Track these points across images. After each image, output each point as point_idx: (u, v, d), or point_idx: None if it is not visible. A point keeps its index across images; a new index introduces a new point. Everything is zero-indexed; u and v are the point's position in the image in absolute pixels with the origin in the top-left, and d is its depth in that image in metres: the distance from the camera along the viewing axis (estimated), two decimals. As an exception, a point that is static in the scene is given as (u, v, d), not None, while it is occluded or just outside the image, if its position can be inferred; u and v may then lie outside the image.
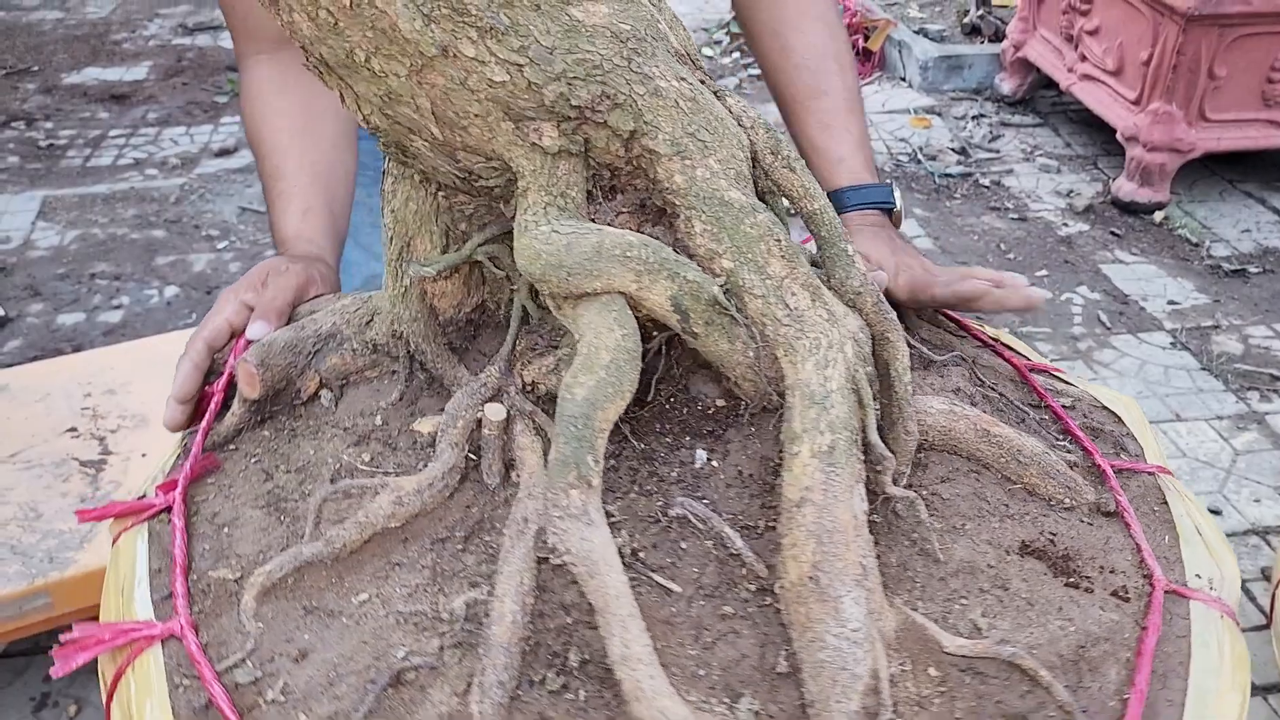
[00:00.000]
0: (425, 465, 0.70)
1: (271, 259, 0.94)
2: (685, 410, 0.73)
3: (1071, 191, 3.18)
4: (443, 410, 0.73)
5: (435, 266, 0.74)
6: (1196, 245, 2.88)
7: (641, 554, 0.63)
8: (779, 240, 0.64)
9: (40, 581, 1.36)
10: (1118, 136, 3.08)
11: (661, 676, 0.53)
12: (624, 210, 0.68)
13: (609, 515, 0.63)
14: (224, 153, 3.40)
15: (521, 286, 0.74)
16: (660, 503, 0.66)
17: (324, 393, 0.79)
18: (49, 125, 3.62)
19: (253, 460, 0.75)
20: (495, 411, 0.69)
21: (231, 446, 0.77)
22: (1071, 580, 0.64)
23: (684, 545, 0.64)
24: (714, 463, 0.69)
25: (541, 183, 0.63)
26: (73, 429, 1.62)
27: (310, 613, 0.62)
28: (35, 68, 4.13)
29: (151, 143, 3.49)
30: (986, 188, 3.22)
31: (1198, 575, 0.67)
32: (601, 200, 0.67)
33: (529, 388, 0.74)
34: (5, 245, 2.84)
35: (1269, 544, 1.87)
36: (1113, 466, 0.74)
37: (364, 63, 0.60)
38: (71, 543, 1.41)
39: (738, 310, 0.64)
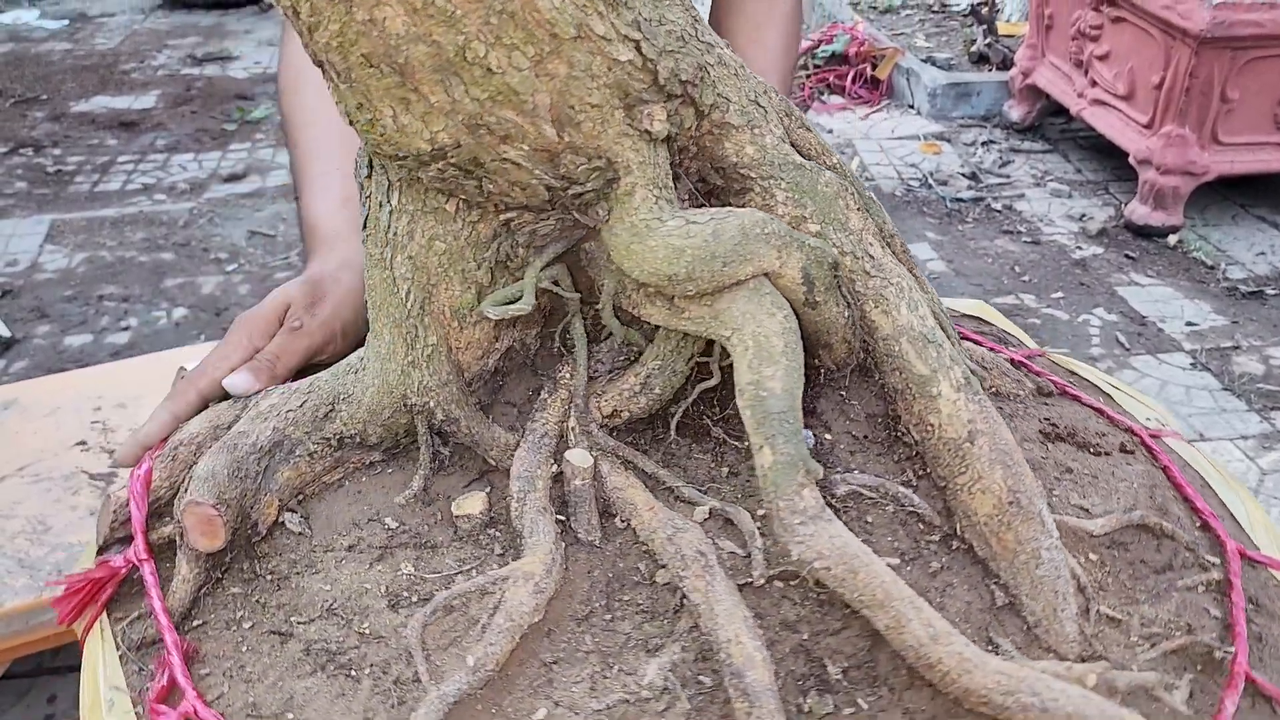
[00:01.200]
0: (496, 552, 0.62)
1: (297, 287, 0.81)
2: None
3: (1084, 215, 3.17)
4: (479, 483, 0.65)
5: (503, 303, 0.63)
6: (1212, 268, 2.86)
7: None
8: (851, 194, 0.62)
9: (48, 595, 1.33)
10: (1130, 160, 3.07)
11: (972, 644, 0.52)
12: (683, 197, 0.65)
13: None
14: (233, 178, 3.39)
15: (606, 303, 0.65)
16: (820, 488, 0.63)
17: (287, 516, 0.66)
18: (57, 152, 3.61)
19: (245, 627, 0.61)
20: (581, 458, 0.63)
21: (196, 621, 0.62)
22: (1091, 449, 0.71)
23: (869, 519, 0.62)
24: (827, 437, 0.67)
25: (649, 176, 0.58)
26: (82, 442, 1.59)
27: None
28: (44, 96, 4.13)
29: (160, 168, 3.49)
30: (998, 212, 3.21)
31: (1147, 419, 0.80)
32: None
33: (608, 419, 0.67)
34: (13, 268, 2.82)
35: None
36: (1018, 357, 0.83)
37: (481, 58, 0.52)
38: (80, 556, 1.37)
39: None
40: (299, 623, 0.60)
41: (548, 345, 0.70)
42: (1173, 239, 3.00)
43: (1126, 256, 2.94)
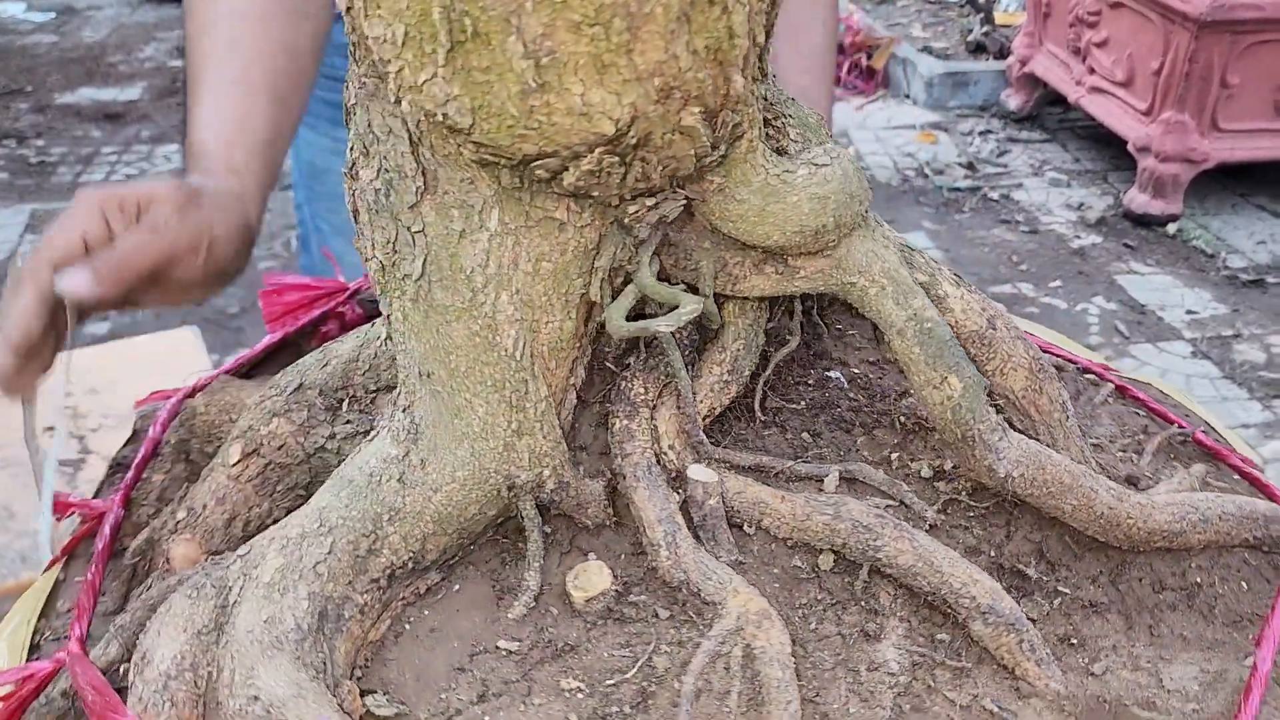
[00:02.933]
0: (664, 618, 0.55)
1: (167, 184, 0.67)
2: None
3: (1082, 205, 3.13)
4: (568, 557, 0.57)
5: (624, 315, 0.55)
6: (1212, 256, 2.82)
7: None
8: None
9: (12, 582, 1.28)
10: (1129, 148, 3.03)
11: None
12: None
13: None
14: (218, 168, 3.35)
15: (709, 288, 0.58)
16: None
17: (370, 700, 0.52)
18: (40, 143, 3.56)
19: None
20: (707, 475, 0.57)
21: None
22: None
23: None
24: (854, 372, 0.70)
25: (759, 129, 0.53)
26: (51, 428, 1.54)
27: None
28: (28, 88, 4.08)
29: (144, 160, 3.43)
30: (995, 201, 3.17)
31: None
32: None
33: (707, 417, 0.61)
34: (-8, 258, 2.78)
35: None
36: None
37: None
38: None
39: None
40: None
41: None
42: (1172, 227, 2.95)
43: (1125, 245, 2.90)
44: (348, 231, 1.15)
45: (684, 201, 0.54)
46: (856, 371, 0.70)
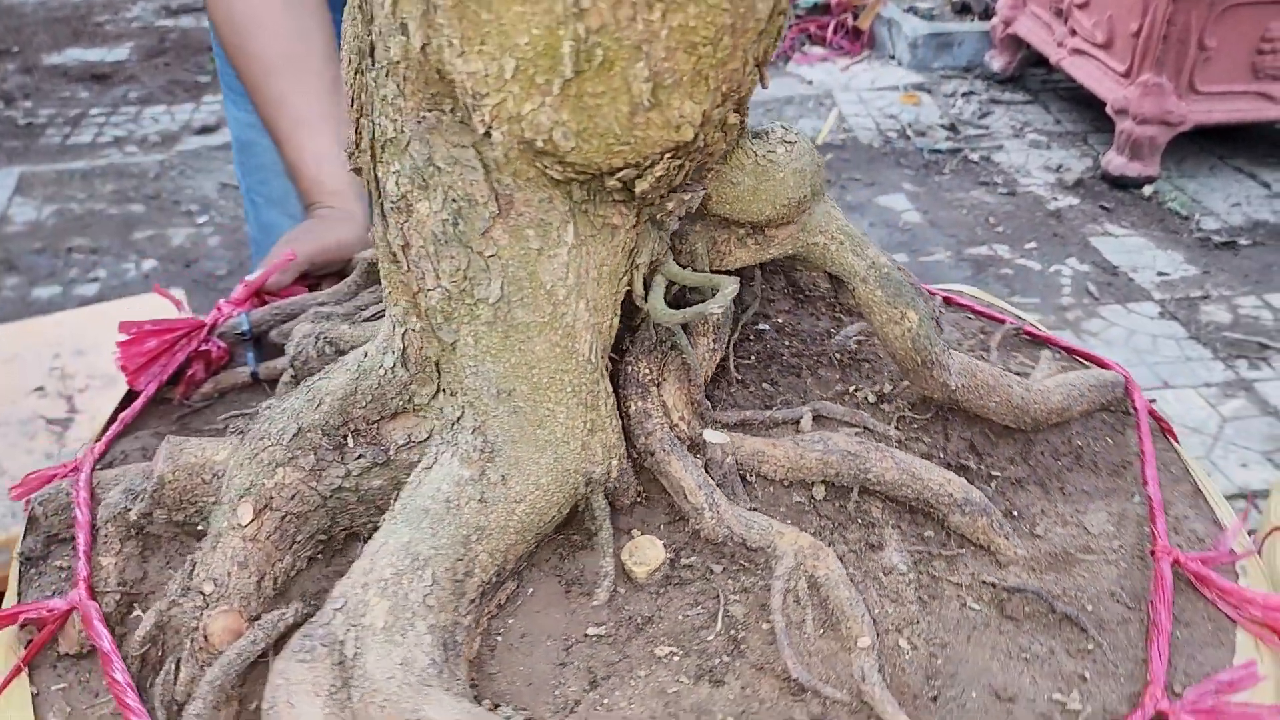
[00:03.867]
0: (718, 571, 0.60)
1: (293, 233, 0.96)
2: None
3: (1061, 167, 3.16)
4: (595, 538, 0.61)
5: (663, 303, 0.61)
6: (1186, 218, 2.86)
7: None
8: None
9: (3, 536, 1.33)
10: (1108, 110, 3.05)
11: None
12: None
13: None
14: (205, 130, 3.36)
15: (703, 264, 0.65)
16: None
17: (503, 712, 0.53)
18: (28, 104, 3.58)
19: None
20: (720, 437, 0.64)
21: None
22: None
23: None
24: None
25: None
26: (40, 388, 1.59)
27: None
28: (15, 49, 4.08)
29: (132, 121, 3.45)
30: (975, 163, 3.20)
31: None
32: None
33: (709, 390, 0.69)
34: (-19, 220, 2.81)
35: (1256, 507, 1.85)
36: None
37: None
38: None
39: None
40: None
41: None
42: (1148, 189, 2.99)
43: (1101, 207, 2.93)
44: (282, 202, 1.23)
45: (703, 191, 0.60)
46: (780, 322, 0.78)
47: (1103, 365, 0.82)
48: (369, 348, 0.64)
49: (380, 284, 0.65)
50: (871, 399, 0.74)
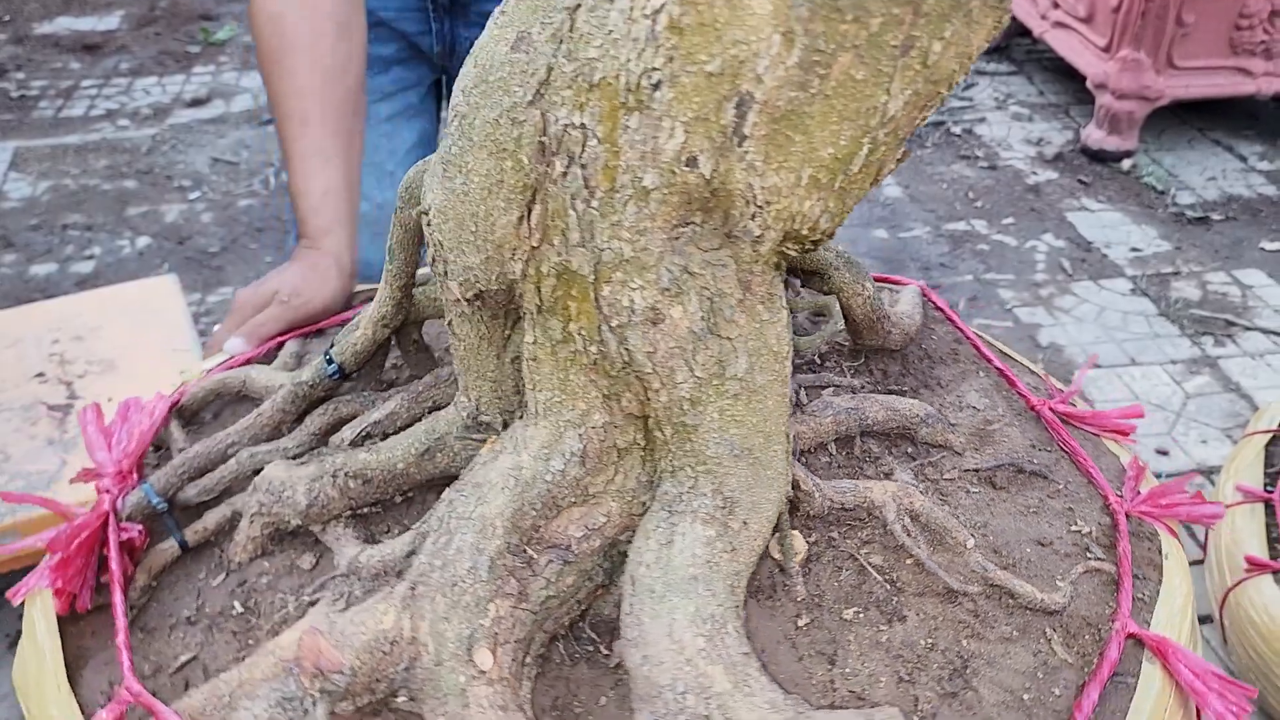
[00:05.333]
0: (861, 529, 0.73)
1: (289, 278, 0.99)
2: None
3: (1042, 140, 3.20)
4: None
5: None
6: (1162, 193, 2.91)
7: None
8: None
9: (9, 521, 1.40)
10: (1088, 84, 3.09)
11: None
12: None
13: None
14: (196, 102, 3.39)
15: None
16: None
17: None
18: (20, 76, 3.60)
19: None
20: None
21: None
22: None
23: None
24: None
25: None
26: (41, 374, 1.65)
27: None
28: (6, 17, 4.09)
29: (124, 93, 3.48)
30: (958, 136, 3.24)
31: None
32: None
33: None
34: (-23, 196, 2.85)
35: (1213, 484, 1.93)
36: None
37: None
38: (39, 483, 1.45)
39: None
40: None
41: None
42: (1126, 163, 3.04)
43: (1080, 182, 2.98)
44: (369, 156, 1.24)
45: None
46: None
47: (901, 284, 1.03)
48: (503, 463, 0.65)
49: (303, 414, 0.80)
50: (819, 360, 0.90)
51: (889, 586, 0.68)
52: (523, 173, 0.60)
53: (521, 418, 0.68)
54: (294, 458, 0.77)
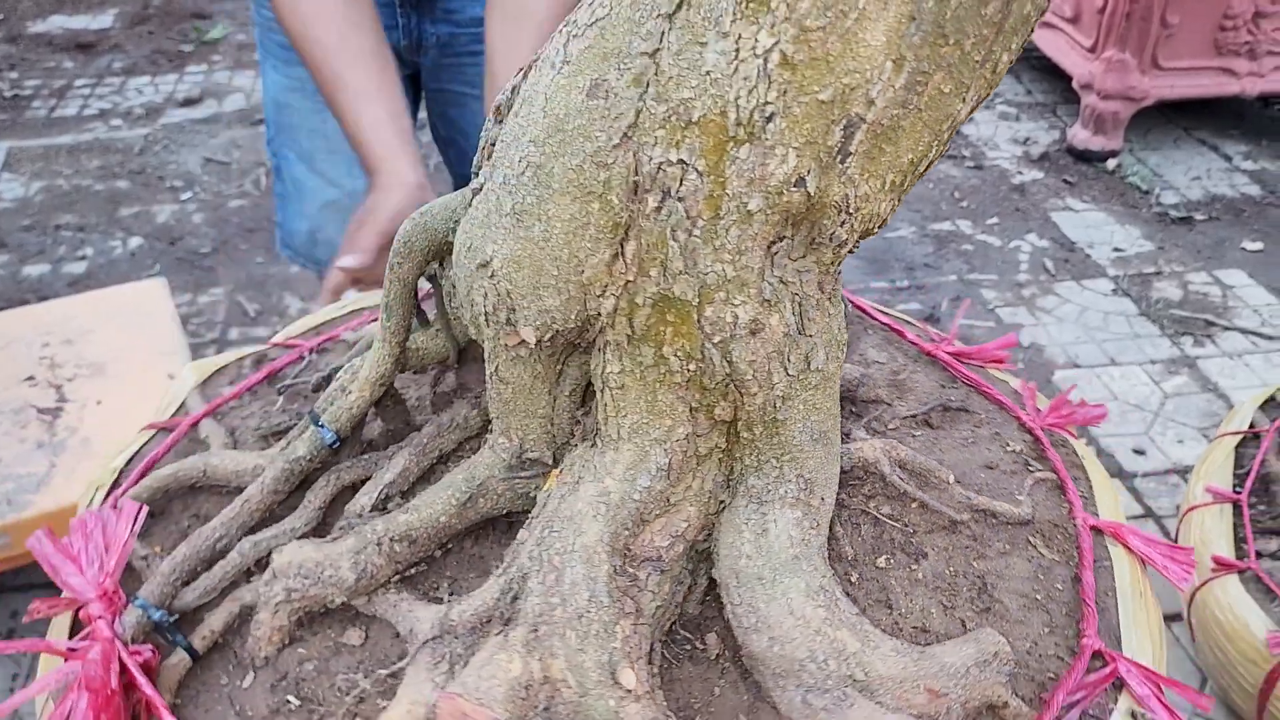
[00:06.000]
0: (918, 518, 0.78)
1: (372, 204, 1.11)
2: None
3: (1029, 139, 3.23)
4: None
5: None
6: (1147, 193, 2.93)
7: None
8: None
9: (2, 522, 1.43)
10: (1074, 84, 3.11)
11: None
12: None
13: None
14: (189, 102, 3.41)
15: None
16: None
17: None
18: (14, 75, 3.62)
19: None
20: None
21: None
22: None
23: None
24: None
25: None
26: (31, 377, 1.68)
27: None
28: (0, 16, 4.10)
29: (116, 93, 3.50)
30: (945, 136, 3.26)
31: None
32: None
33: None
34: (-29, 197, 2.87)
35: (1185, 480, 1.95)
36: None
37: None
38: (29, 485, 1.48)
39: None
40: None
41: None
42: (1111, 163, 3.06)
43: (1065, 181, 3.01)
44: (309, 158, 1.34)
45: None
46: None
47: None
48: (587, 492, 0.67)
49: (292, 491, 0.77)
50: None
51: (904, 530, 0.75)
52: (612, 213, 0.62)
53: (578, 448, 0.71)
54: (304, 536, 0.74)
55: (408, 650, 0.66)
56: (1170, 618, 1.69)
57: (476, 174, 0.73)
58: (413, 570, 0.72)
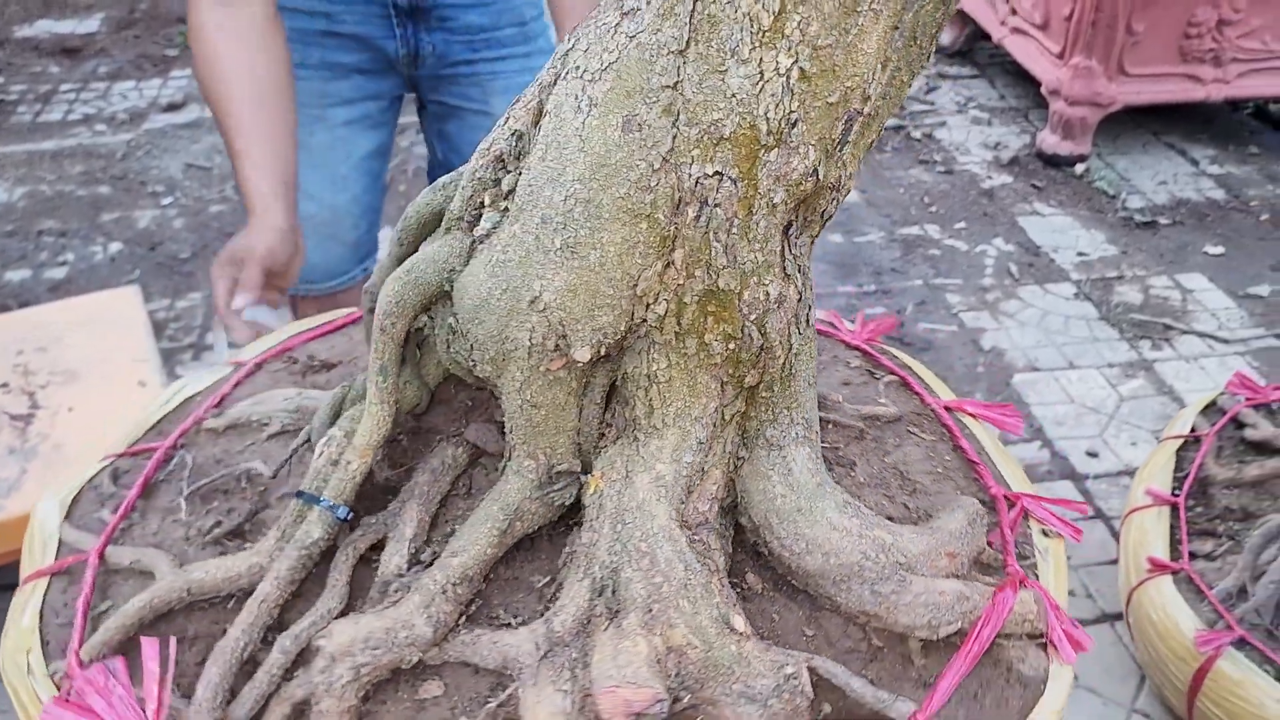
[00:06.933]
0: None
1: (240, 243, 1.19)
2: None
3: (999, 144, 3.27)
4: None
5: None
6: (1113, 197, 2.98)
7: None
8: None
9: (-16, 522, 1.47)
10: (1043, 90, 3.16)
11: None
12: None
13: None
14: (172, 107, 3.45)
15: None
16: None
17: None
18: (0, 80, 3.66)
19: None
20: None
21: None
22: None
23: None
24: None
25: None
26: (4, 384, 1.72)
27: None
28: (-13, 20, 4.14)
29: (101, 98, 3.54)
30: (918, 140, 3.31)
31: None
32: None
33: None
34: (-45, 202, 2.91)
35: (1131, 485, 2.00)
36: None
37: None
38: (0, 491, 1.52)
39: None
40: None
41: None
42: (1080, 168, 3.11)
43: (1033, 186, 3.06)
44: (302, 160, 1.39)
45: None
46: None
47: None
48: (641, 481, 0.75)
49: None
50: None
51: (832, 448, 0.90)
52: (659, 228, 0.70)
53: (611, 446, 0.78)
54: (342, 614, 0.73)
55: (505, 680, 0.69)
56: (1112, 617, 1.74)
57: (462, 217, 0.77)
58: (470, 608, 0.74)
